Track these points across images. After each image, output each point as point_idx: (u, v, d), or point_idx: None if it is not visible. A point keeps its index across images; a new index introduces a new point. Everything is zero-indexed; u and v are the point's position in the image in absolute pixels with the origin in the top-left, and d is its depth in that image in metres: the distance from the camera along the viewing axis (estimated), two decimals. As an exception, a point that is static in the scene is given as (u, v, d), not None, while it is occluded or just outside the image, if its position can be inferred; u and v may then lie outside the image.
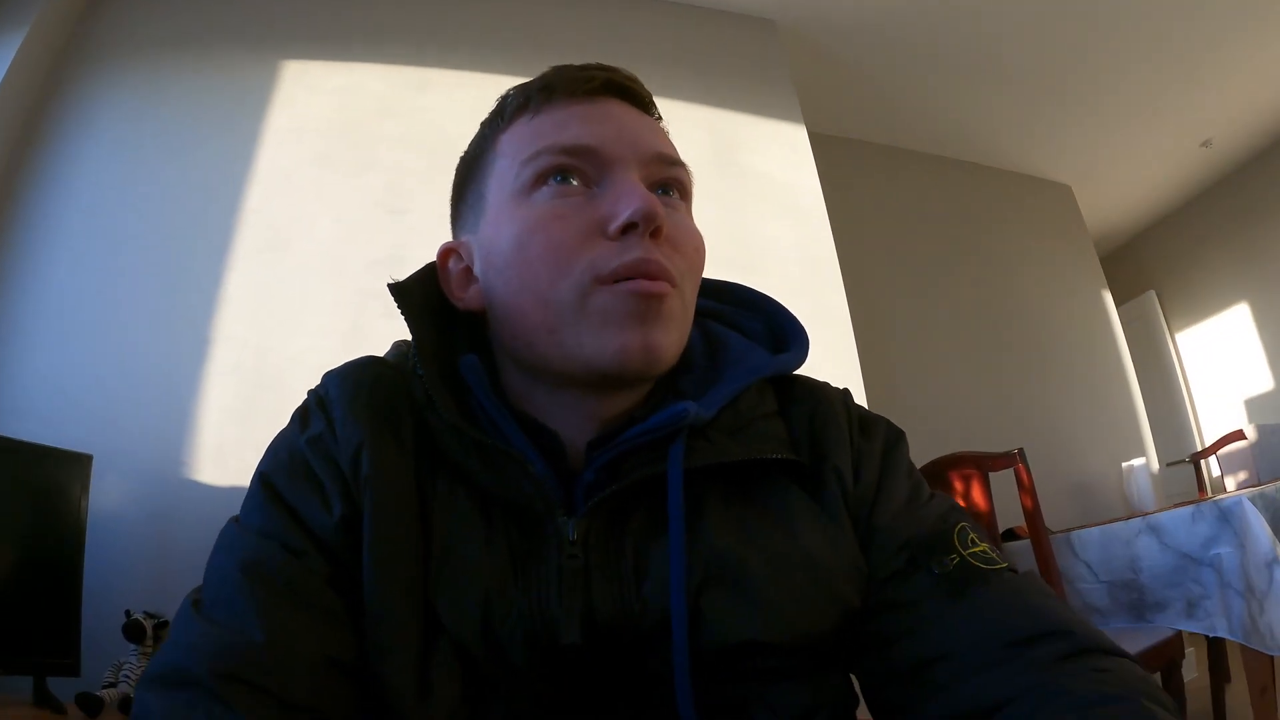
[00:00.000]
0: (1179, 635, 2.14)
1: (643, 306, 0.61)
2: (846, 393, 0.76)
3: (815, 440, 0.69)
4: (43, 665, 1.66)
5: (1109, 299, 4.79)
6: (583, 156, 0.64)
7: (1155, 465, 4.32)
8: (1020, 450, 2.33)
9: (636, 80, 0.71)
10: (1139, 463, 3.98)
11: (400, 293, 0.68)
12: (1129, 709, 0.50)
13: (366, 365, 0.70)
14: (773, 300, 0.80)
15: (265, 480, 0.65)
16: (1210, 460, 3.88)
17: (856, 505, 0.67)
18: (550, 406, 0.66)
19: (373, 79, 2.74)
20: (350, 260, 2.43)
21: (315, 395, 0.69)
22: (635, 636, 0.59)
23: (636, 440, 0.62)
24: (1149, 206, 5.68)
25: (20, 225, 2.29)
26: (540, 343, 0.63)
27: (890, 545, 0.65)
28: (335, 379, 0.69)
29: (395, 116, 2.68)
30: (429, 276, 0.73)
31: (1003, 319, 4.33)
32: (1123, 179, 5.17)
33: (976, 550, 0.63)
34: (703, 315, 0.76)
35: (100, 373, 2.17)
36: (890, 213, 4.28)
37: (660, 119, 0.73)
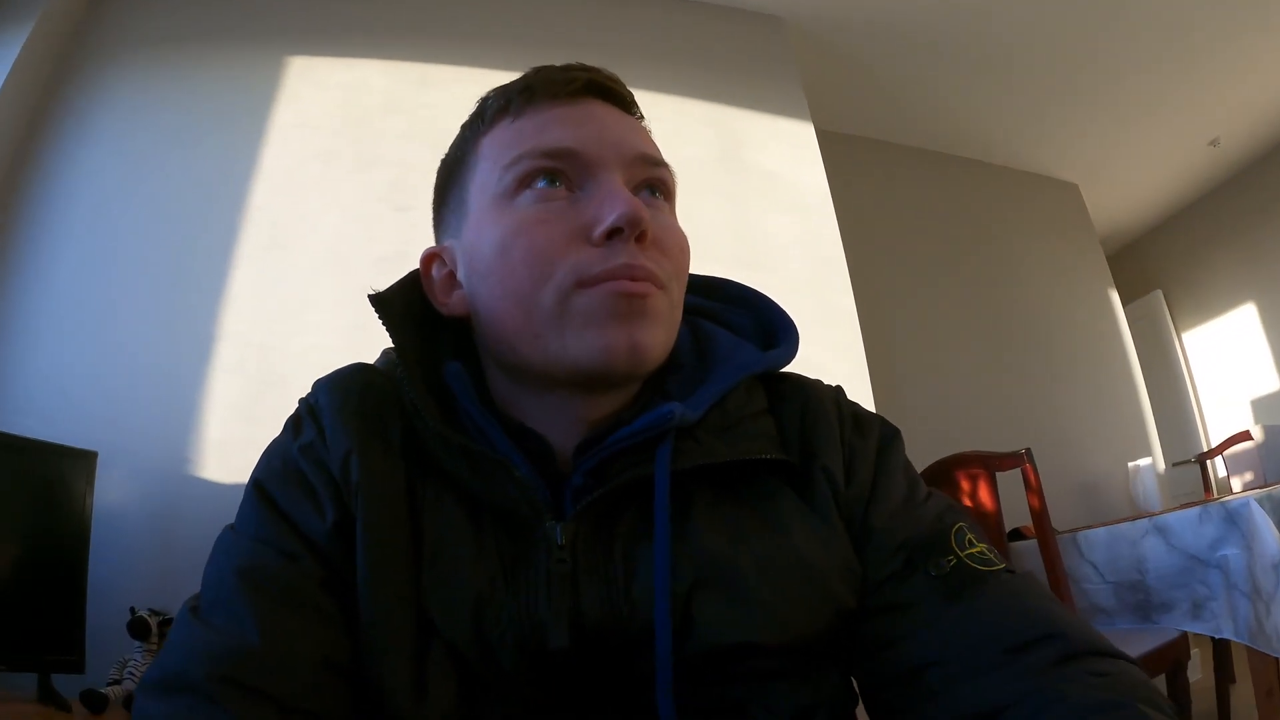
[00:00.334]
0: (1185, 636, 2.13)
1: (625, 305, 0.60)
2: (839, 390, 0.76)
3: (805, 438, 0.69)
4: (47, 662, 1.66)
5: (1115, 298, 4.78)
6: (565, 159, 0.64)
7: (1161, 465, 4.32)
8: (1027, 450, 2.32)
9: (618, 80, 0.71)
10: (1145, 463, 3.97)
11: (380, 303, 0.68)
12: (1126, 715, 0.49)
13: (356, 373, 0.71)
14: (762, 295, 0.80)
15: (259, 487, 0.65)
16: (1216, 461, 3.87)
17: (850, 505, 0.66)
18: (537, 410, 0.66)
19: (376, 75, 2.74)
20: (354, 257, 2.43)
21: (306, 404, 0.70)
22: (624, 639, 0.59)
23: (623, 443, 0.62)
24: (1156, 206, 5.67)
25: (24, 223, 2.29)
26: (524, 347, 0.63)
27: (887, 546, 0.64)
28: (325, 387, 0.69)
29: (399, 112, 2.68)
30: (412, 283, 0.73)
31: (1009, 318, 4.32)
32: (1130, 178, 5.16)
33: (974, 551, 0.63)
34: (691, 312, 0.75)
35: (105, 370, 2.18)
36: (897, 210, 4.28)
37: (642, 118, 0.73)
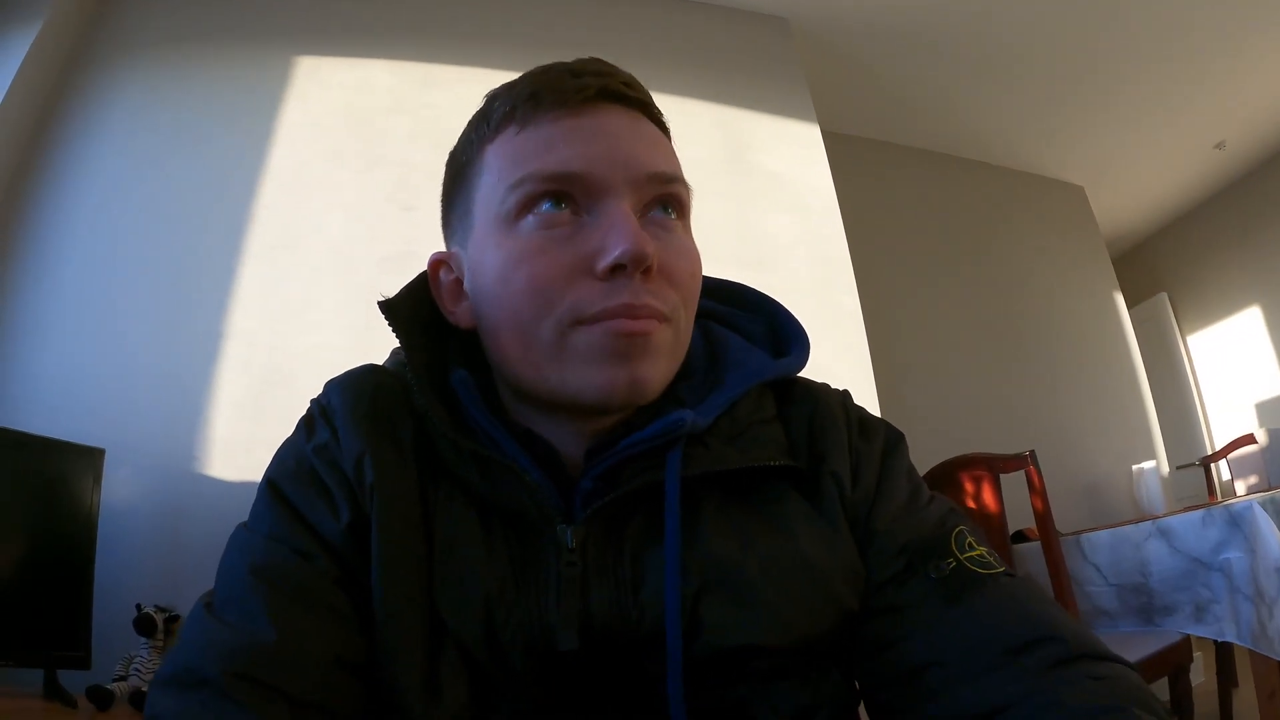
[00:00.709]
0: (1187, 639, 2.13)
1: (625, 345, 0.59)
2: (846, 394, 0.76)
3: (813, 443, 0.69)
4: (54, 658, 1.67)
5: (1120, 300, 4.77)
6: (570, 183, 0.61)
7: (1165, 468, 4.31)
8: (1031, 452, 2.32)
9: (634, 83, 0.67)
10: (1149, 465, 3.97)
11: (389, 310, 0.67)
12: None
13: (367, 374, 0.71)
14: (774, 301, 0.79)
15: (273, 486, 0.66)
16: (1221, 464, 3.86)
17: (855, 508, 0.67)
18: (543, 421, 0.66)
19: (381, 75, 2.75)
20: (359, 256, 2.44)
21: (318, 404, 0.70)
22: (633, 642, 0.59)
23: (634, 449, 0.62)
24: (1162, 208, 5.66)
25: (32, 221, 2.30)
26: (526, 376, 0.63)
27: (888, 549, 0.65)
28: (337, 388, 0.69)
29: (404, 112, 2.68)
30: (420, 286, 0.72)
31: (1014, 320, 4.31)
32: (1136, 180, 5.15)
33: (974, 554, 0.63)
34: (704, 316, 0.75)
35: (111, 368, 2.18)
36: (902, 212, 4.27)
37: (661, 117, 0.69)
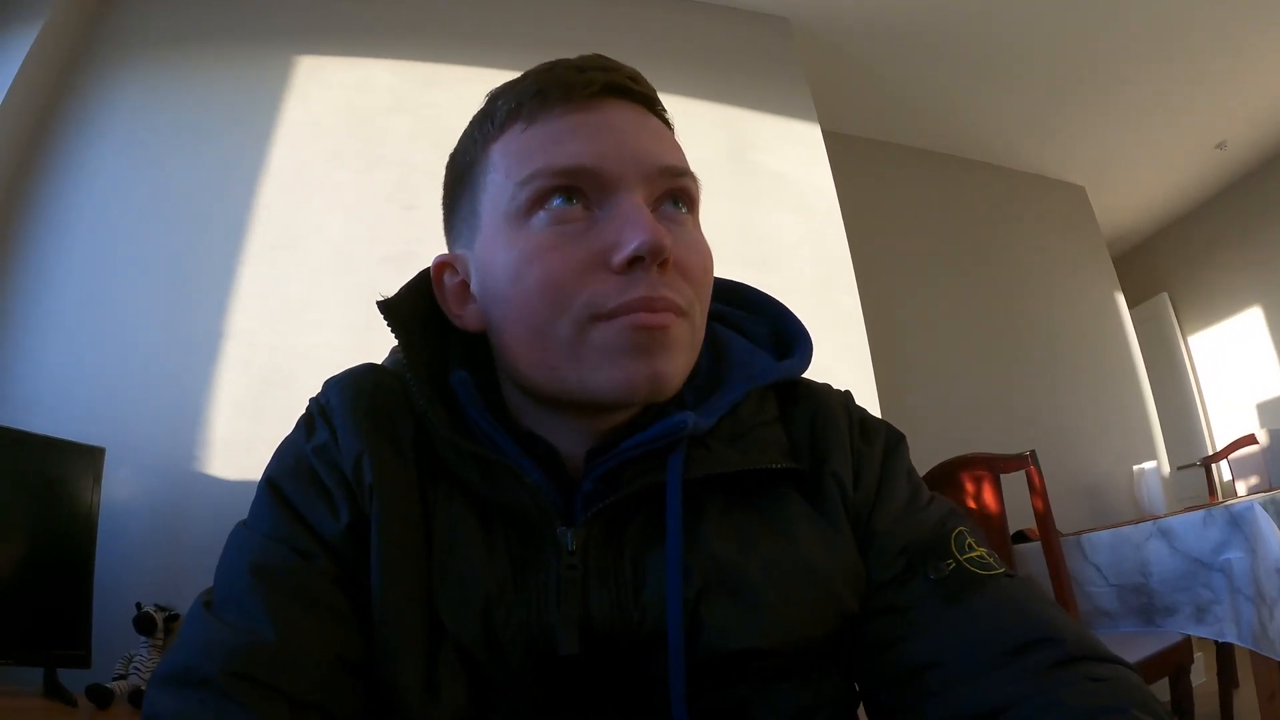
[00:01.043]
0: (1188, 640, 2.13)
1: (645, 339, 0.58)
2: (848, 395, 0.76)
3: (815, 444, 0.69)
4: (53, 657, 1.67)
5: (1121, 301, 4.77)
6: (581, 178, 0.60)
7: (1166, 468, 4.31)
8: (1032, 452, 2.32)
9: (639, 78, 0.66)
10: (1150, 466, 3.97)
11: (388, 310, 0.67)
12: None
13: (366, 373, 0.70)
14: (778, 303, 0.79)
15: (273, 485, 0.65)
16: (1221, 464, 3.86)
17: (856, 510, 0.67)
18: (547, 421, 0.66)
19: (382, 74, 2.75)
20: (360, 256, 2.44)
21: (317, 403, 0.69)
22: (633, 645, 0.59)
23: (635, 450, 0.62)
24: (1163, 208, 5.66)
25: (33, 220, 2.30)
26: (540, 376, 0.62)
27: (889, 550, 0.65)
28: (336, 388, 0.69)
29: (404, 112, 2.68)
30: (420, 286, 0.71)
31: (1015, 320, 4.31)
32: (1137, 181, 5.15)
33: (973, 555, 0.63)
34: (708, 317, 0.74)
35: (112, 367, 2.18)
36: (903, 212, 4.27)
37: (665, 112, 0.69)
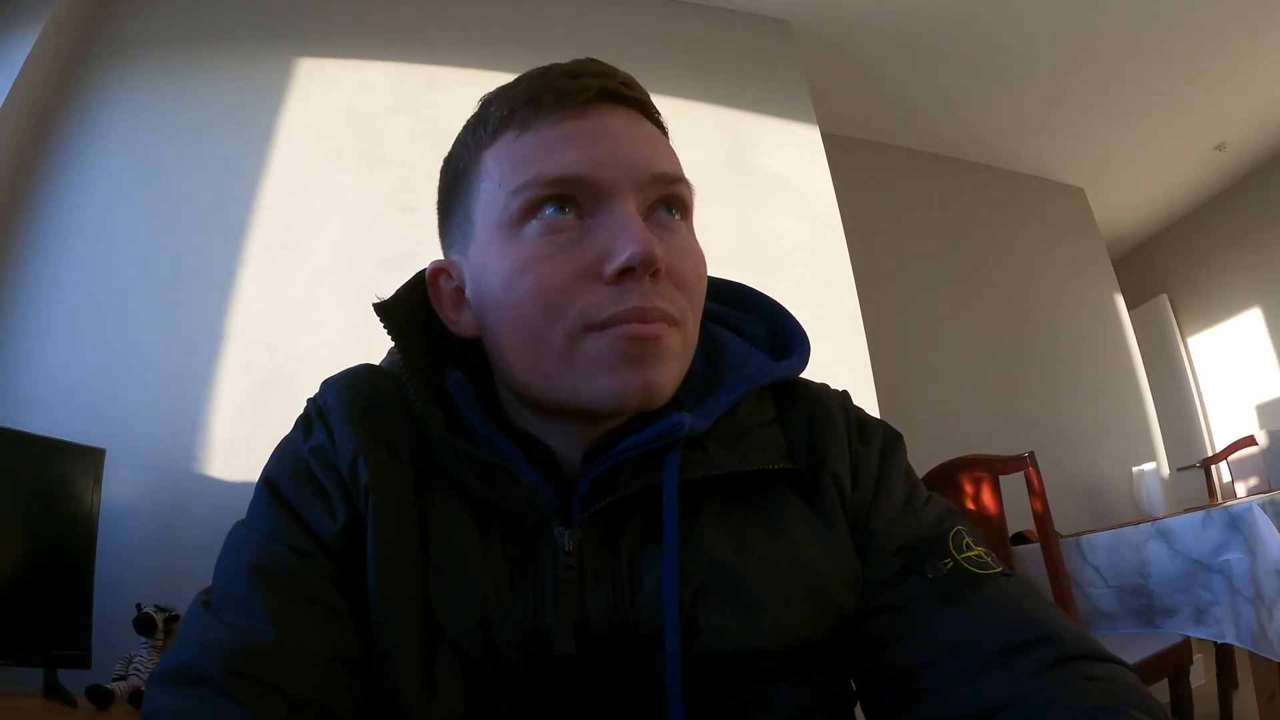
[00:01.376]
0: (1187, 641, 2.14)
1: (637, 349, 0.59)
2: (845, 395, 0.76)
3: (813, 445, 0.69)
4: (53, 657, 1.67)
5: (1121, 302, 4.76)
6: (574, 186, 0.60)
7: (1165, 470, 4.31)
8: (1031, 454, 2.32)
9: (633, 83, 0.66)
10: (1149, 467, 3.97)
11: (384, 312, 0.67)
12: None
13: (364, 374, 0.70)
14: (774, 303, 0.79)
15: (271, 485, 0.65)
16: (1221, 466, 3.85)
17: (854, 509, 0.67)
18: (545, 425, 0.66)
19: (382, 76, 2.75)
20: (360, 257, 2.44)
21: (314, 404, 0.69)
22: (630, 645, 0.59)
23: (632, 451, 0.62)
24: (1162, 210, 5.66)
25: (34, 221, 2.30)
26: (535, 384, 0.62)
27: (886, 549, 0.65)
28: (333, 388, 0.69)
29: (405, 113, 2.68)
30: (416, 287, 0.72)
31: (1014, 321, 4.31)
32: (1136, 182, 5.15)
33: (971, 554, 0.63)
34: (704, 317, 0.73)
35: (113, 368, 2.19)
36: (902, 214, 4.27)
37: (659, 116, 0.69)
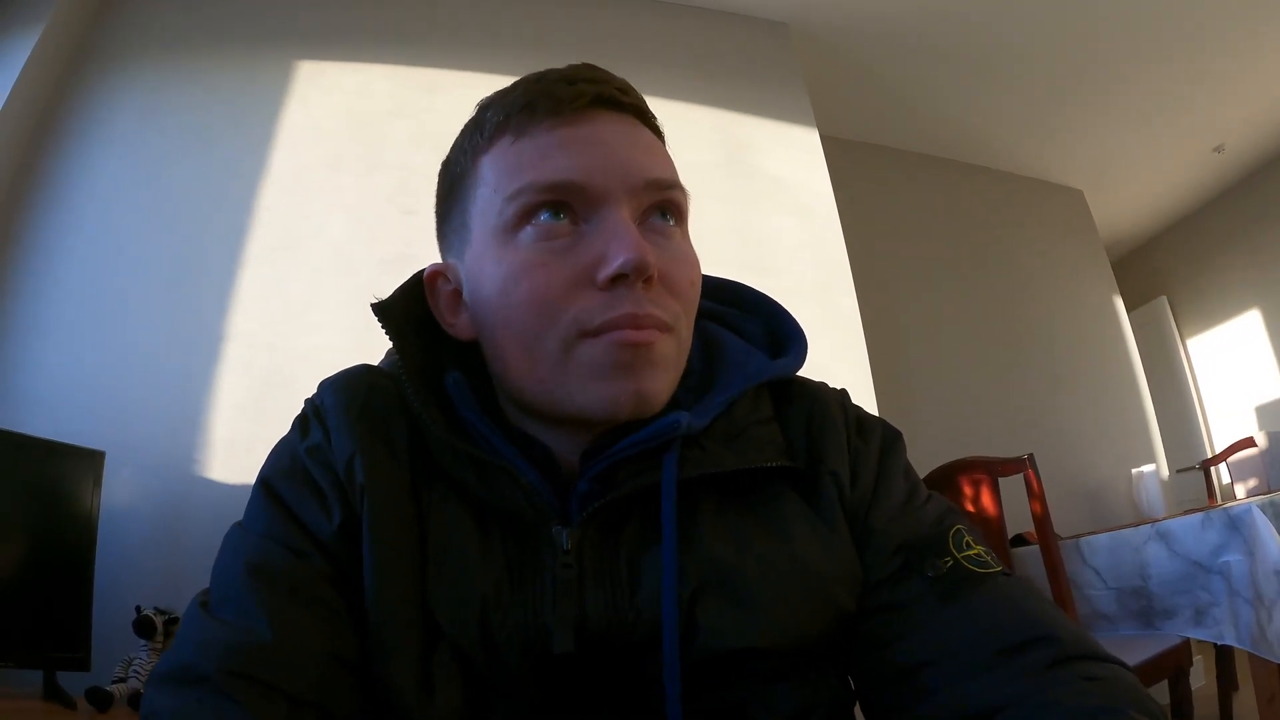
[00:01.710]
0: (1187, 643, 2.13)
1: (629, 356, 0.59)
2: (844, 393, 0.76)
3: (812, 443, 0.69)
4: (53, 660, 1.67)
5: (1120, 304, 4.76)
6: (568, 193, 0.61)
7: (1165, 472, 4.31)
8: (1030, 456, 2.32)
9: (628, 88, 0.67)
10: (1149, 469, 3.97)
11: (382, 312, 0.67)
12: None
13: (361, 374, 0.71)
14: (772, 301, 0.79)
15: (268, 485, 0.66)
16: (1220, 467, 3.86)
17: (853, 508, 0.67)
18: (541, 427, 0.66)
19: (382, 80, 2.75)
20: (360, 259, 2.44)
21: (312, 404, 0.69)
22: (629, 644, 0.59)
23: (630, 450, 0.62)
24: (1161, 212, 5.66)
25: (34, 223, 2.30)
26: (530, 390, 0.63)
27: (886, 548, 0.65)
28: (330, 389, 0.69)
29: (405, 117, 2.68)
30: (414, 288, 0.72)
31: (1014, 323, 4.31)
32: (1135, 184, 5.15)
33: (971, 553, 0.63)
34: (700, 316, 0.73)
35: (112, 369, 2.18)
36: (902, 216, 4.27)
37: (655, 122, 0.69)
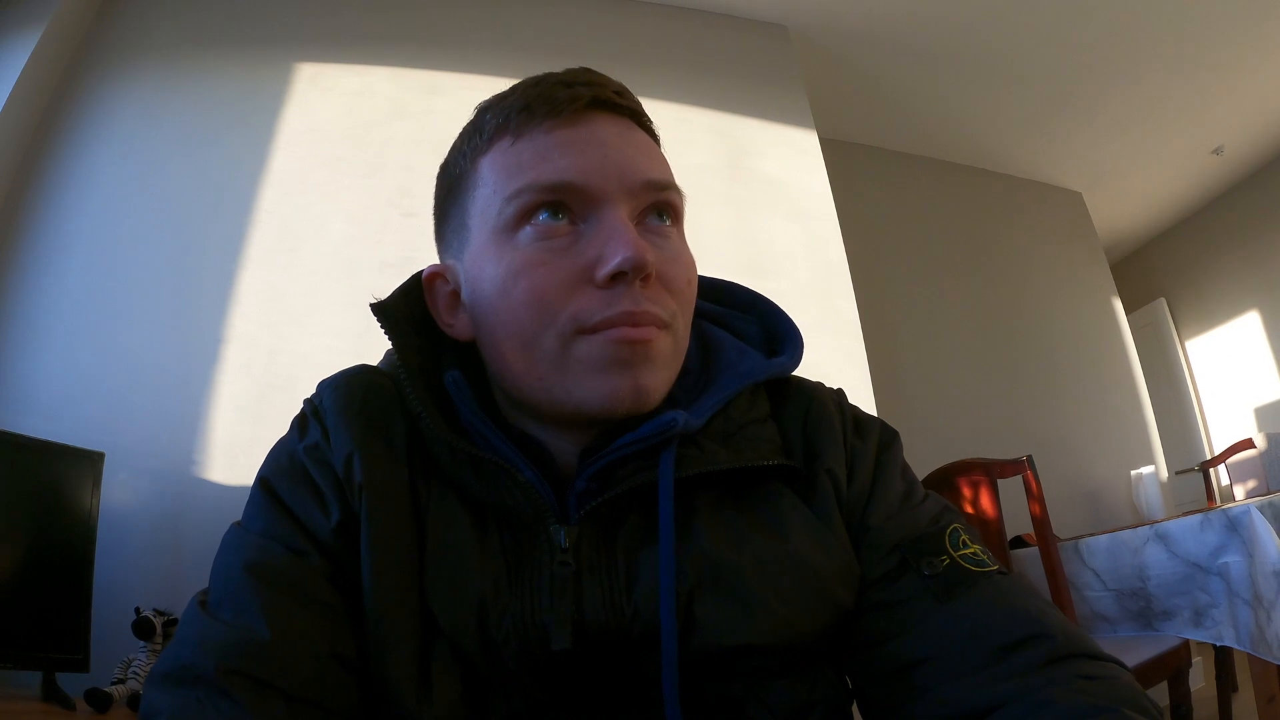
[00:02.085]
0: (1186, 644, 2.13)
1: (628, 352, 0.60)
2: (840, 393, 0.77)
3: (809, 441, 0.70)
4: (52, 661, 1.67)
5: (1119, 306, 4.76)
6: (567, 193, 0.62)
7: (1164, 473, 4.30)
8: (1029, 457, 2.32)
9: (625, 91, 0.68)
10: (1148, 470, 3.97)
11: (381, 312, 0.68)
12: None
13: (360, 374, 0.71)
14: (768, 301, 0.80)
15: (266, 485, 0.66)
16: (1219, 469, 3.86)
17: (850, 506, 0.67)
18: (539, 426, 0.67)
19: (383, 82, 2.75)
20: (361, 261, 2.44)
21: (310, 404, 0.70)
22: (627, 642, 0.59)
23: (627, 449, 0.62)
24: (1160, 213, 5.66)
25: (34, 224, 2.30)
26: (528, 388, 0.63)
27: (882, 546, 0.65)
28: (329, 388, 0.70)
29: (407, 119, 2.69)
30: (413, 288, 0.72)
31: (1012, 325, 4.31)
32: (1134, 186, 5.14)
33: (967, 552, 0.63)
34: (697, 316, 0.74)
35: (112, 371, 2.18)
36: (900, 218, 4.27)
37: (651, 124, 0.70)
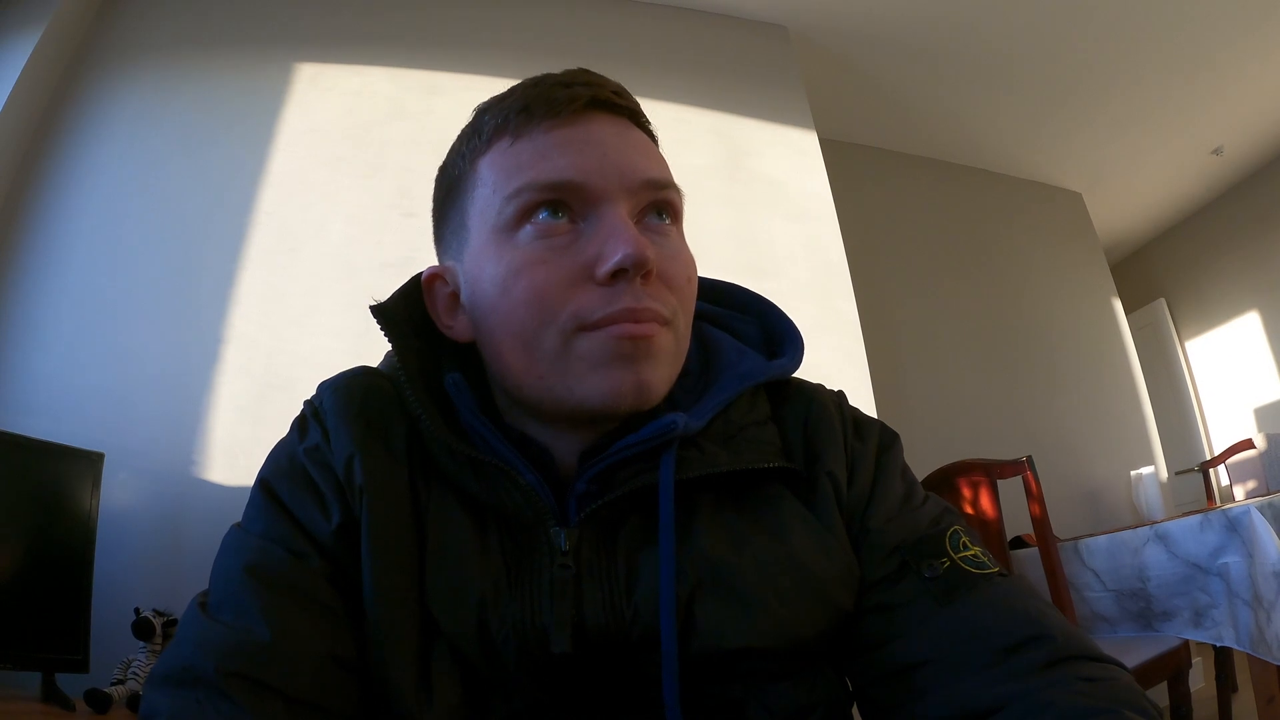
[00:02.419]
0: (1186, 644, 2.13)
1: (629, 348, 0.60)
2: (841, 395, 0.77)
3: (809, 443, 0.70)
4: (52, 662, 1.67)
5: (1119, 306, 4.75)
6: (566, 191, 0.62)
7: (1164, 474, 4.30)
8: (1029, 458, 2.32)
9: (623, 91, 0.68)
10: (1148, 471, 3.97)
11: (381, 314, 0.68)
12: None
13: (360, 375, 0.71)
14: (768, 303, 0.80)
15: (266, 486, 0.66)
16: (1219, 469, 3.86)
17: (851, 508, 0.67)
18: (540, 427, 0.67)
19: (383, 82, 2.75)
20: (361, 262, 2.44)
21: (310, 405, 0.70)
22: (627, 644, 0.59)
23: (627, 451, 0.62)
24: (1159, 214, 5.66)
25: (33, 224, 2.30)
26: (529, 387, 0.63)
27: (883, 548, 0.65)
28: (329, 390, 0.70)
29: (407, 119, 2.68)
30: (413, 290, 0.72)
31: (1012, 326, 4.31)
32: (1133, 186, 5.15)
33: (968, 554, 0.63)
34: (697, 317, 0.74)
35: (112, 372, 2.18)
36: (900, 219, 4.27)
37: (649, 125, 0.71)
